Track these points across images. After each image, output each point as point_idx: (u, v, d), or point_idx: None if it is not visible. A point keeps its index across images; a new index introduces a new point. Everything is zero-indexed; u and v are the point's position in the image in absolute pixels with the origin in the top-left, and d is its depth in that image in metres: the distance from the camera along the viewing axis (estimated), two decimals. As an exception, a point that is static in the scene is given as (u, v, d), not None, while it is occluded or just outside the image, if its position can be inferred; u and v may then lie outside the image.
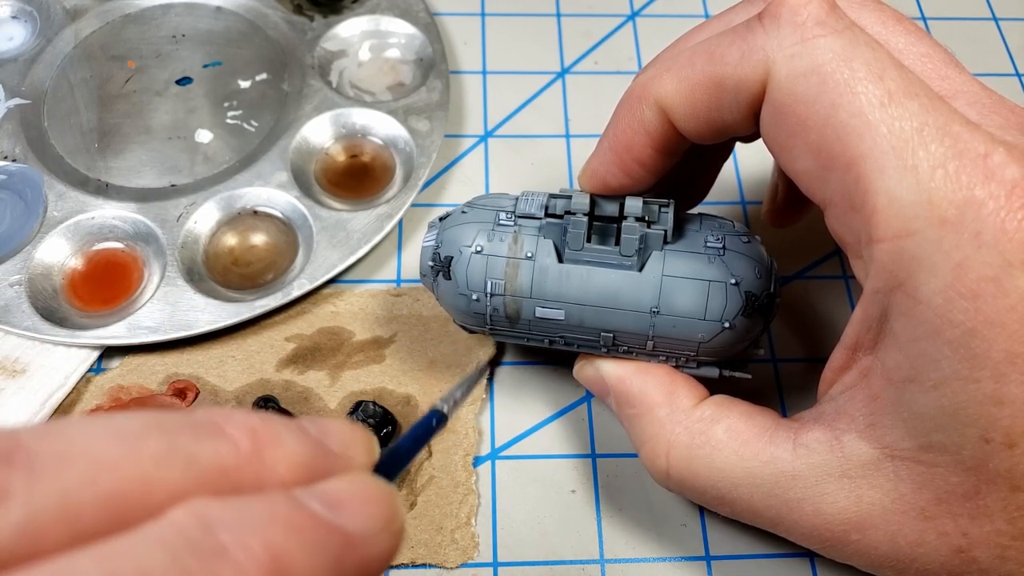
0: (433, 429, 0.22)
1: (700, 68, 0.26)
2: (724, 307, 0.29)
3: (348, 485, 0.18)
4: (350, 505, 0.17)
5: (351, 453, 0.19)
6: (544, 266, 0.30)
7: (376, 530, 0.17)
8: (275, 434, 0.17)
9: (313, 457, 0.18)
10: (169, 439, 0.16)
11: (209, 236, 0.40)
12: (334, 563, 0.16)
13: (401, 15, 0.46)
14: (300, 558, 0.15)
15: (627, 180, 0.29)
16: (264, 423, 0.17)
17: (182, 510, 0.15)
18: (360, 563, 0.17)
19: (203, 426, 0.17)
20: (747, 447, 0.28)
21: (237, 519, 0.15)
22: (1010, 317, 0.21)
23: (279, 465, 0.17)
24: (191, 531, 0.15)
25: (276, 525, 0.16)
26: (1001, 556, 0.24)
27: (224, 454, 0.16)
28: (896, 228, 0.22)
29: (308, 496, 0.17)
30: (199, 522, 0.15)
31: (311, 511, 0.16)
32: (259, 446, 0.17)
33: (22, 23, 0.46)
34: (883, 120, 0.22)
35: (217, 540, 0.15)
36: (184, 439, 0.16)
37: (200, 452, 0.16)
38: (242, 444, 0.17)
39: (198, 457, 0.16)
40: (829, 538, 0.26)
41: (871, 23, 0.27)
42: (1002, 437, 0.22)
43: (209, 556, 0.15)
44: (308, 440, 0.18)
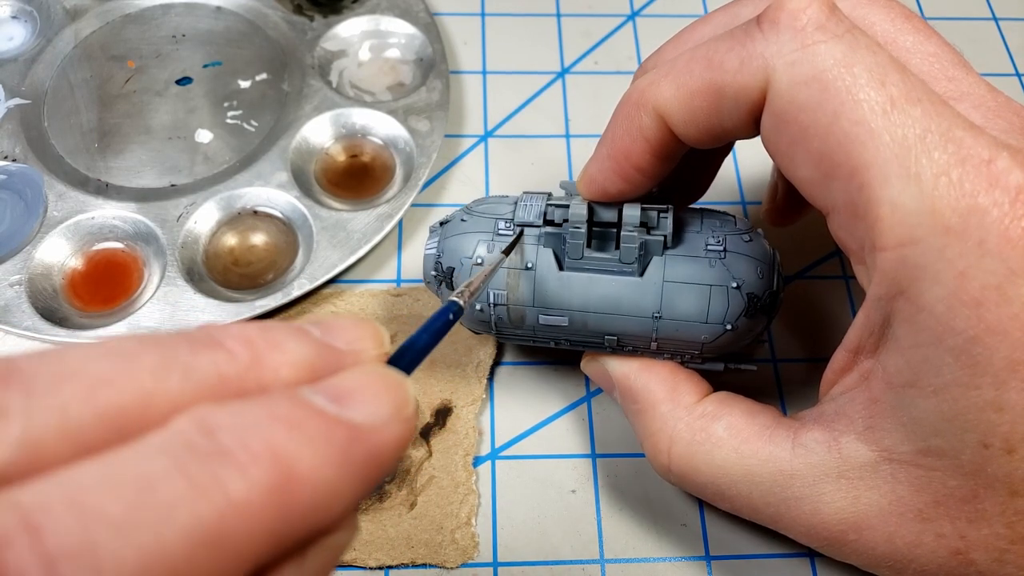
0: (450, 322, 0.22)
1: (699, 75, 0.26)
2: (726, 310, 0.29)
3: (355, 377, 0.17)
4: (355, 396, 0.17)
5: (359, 347, 0.19)
6: (545, 275, 0.30)
7: (384, 419, 0.17)
8: (274, 340, 0.17)
9: (317, 356, 0.18)
10: (165, 353, 0.16)
11: (209, 236, 0.40)
12: (341, 456, 0.16)
13: (401, 15, 0.46)
14: (304, 453, 0.15)
15: (626, 186, 0.29)
16: (262, 331, 0.17)
17: (183, 417, 0.15)
18: (369, 454, 0.16)
19: (199, 340, 0.17)
20: (747, 445, 0.28)
21: (238, 421, 0.15)
22: (1012, 325, 0.21)
23: (281, 368, 0.17)
24: (192, 436, 0.15)
25: (277, 423, 0.16)
26: (999, 559, 0.24)
27: (222, 364, 0.16)
28: (899, 236, 0.22)
29: (311, 392, 0.17)
30: (200, 427, 0.15)
31: (313, 405, 0.16)
32: (258, 353, 0.17)
33: (22, 23, 0.46)
34: (886, 128, 0.22)
35: (218, 442, 0.15)
36: (180, 352, 0.16)
37: (197, 364, 0.16)
38: (240, 354, 0.17)
39: (196, 368, 0.16)
40: (827, 537, 0.27)
41: (879, 21, 0.27)
42: (1001, 443, 0.22)
43: (211, 459, 0.15)
44: (311, 341, 0.18)
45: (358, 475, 0.16)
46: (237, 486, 0.14)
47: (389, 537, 0.33)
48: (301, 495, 0.15)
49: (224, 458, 0.15)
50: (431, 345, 0.21)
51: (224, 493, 0.14)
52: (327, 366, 0.18)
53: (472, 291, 0.24)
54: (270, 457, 0.15)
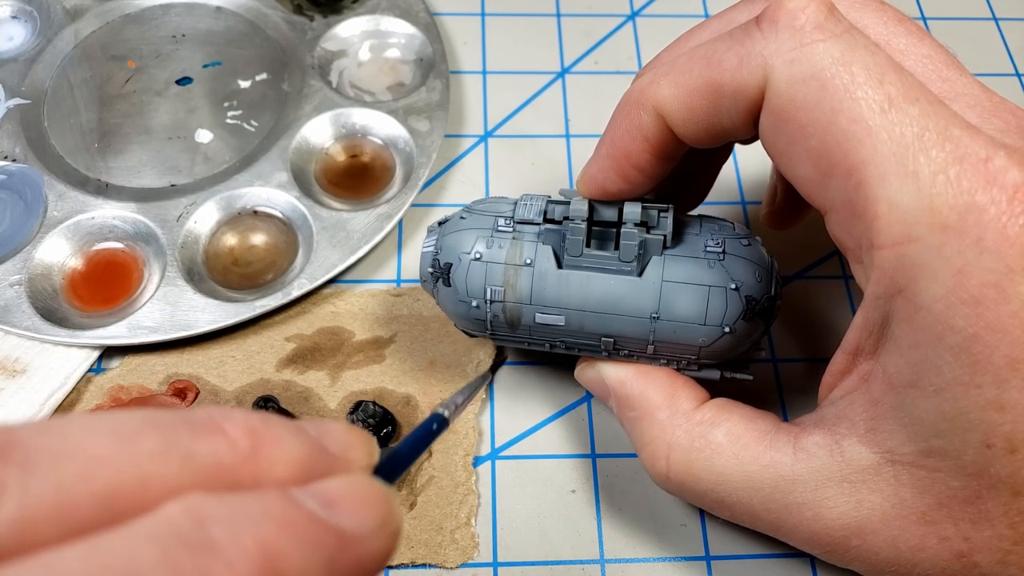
0: (434, 433, 0.22)
1: (698, 74, 0.26)
2: (724, 312, 0.29)
3: (345, 485, 0.17)
4: (346, 504, 0.17)
5: (350, 455, 0.19)
6: (543, 272, 0.30)
7: (372, 530, 0.17)
8: (274, 434, 0.17)
9: (311, 458, 0.18)
10: (166, 436, 0.16)
11: (209, 236, 0.40)
12: (328, 562, 0.16)
13: (401, 15, 0.46)
14: (293, 555, 0.15)
15: (626, 186, 0.29)
16: (264, 423, 0.17)
17: (175, 505, 0.15)
18: (355, 563, 0.16)
19: (201, 424, 0.17)
20: (747, 451, 0.28)
21: (230, 515, 0.15)
22: (1012, 323, 0.21)
23: (277, 465, 0.17)
24: (183, 526, 0.15)
25: (269, 521, 0.15)
26: (1003, 561, 0.24)
27: (222, 452, 0.16)
28: (897, 235, 0.22)
29: (304, 494, 0.17)
30: (191, 517, 0.15)
31: (306, 509, 0.16)
32: (257, 445, 0.17)
33: (22, 23, 0.46)
34: (883, 126, 0.22)
35: (209, 535, 0.15)
36: (182, 436, 0.16)
37: (197, 449, 0.16)
38: (240, 443, 0.17)
39: (195, 454, 0.16)
40: (829, 543, 0.26)
41: (872, 23, 0.27)
42: (1003, 443, 0.22)
43: (200, 551, 0.14)
44: (307, 440, 0.18)
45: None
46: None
47: (389, 537, 0.33)
48: None
49: (213, 551, 0.14)
50: (413, 456, 0.22)
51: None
52: (319, 469, 0.18)
53: (458, 405, 0.24)
54: (259, 554, 0.15)
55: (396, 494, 0.18)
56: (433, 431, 0.22)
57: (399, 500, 0.18)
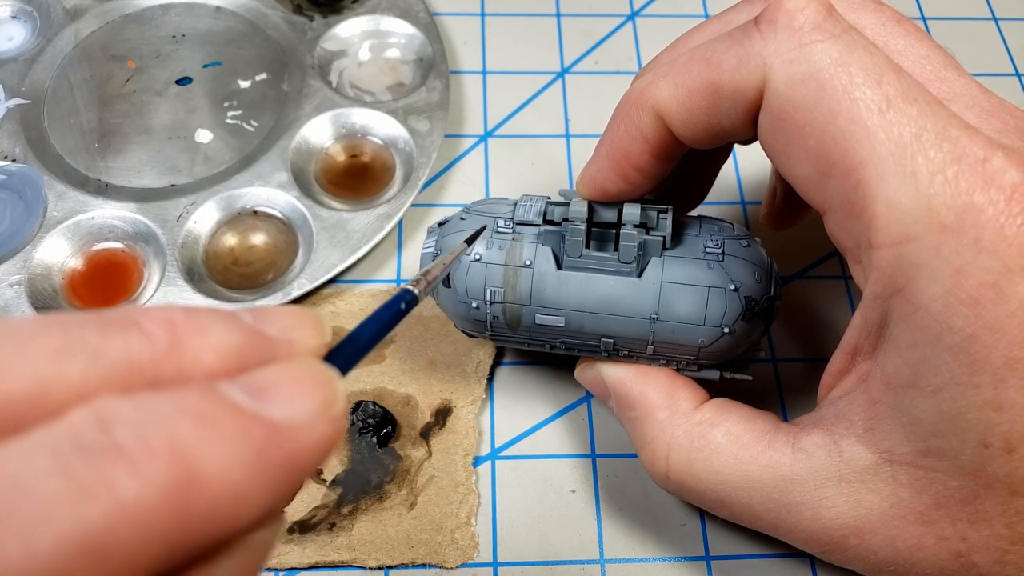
0: (402, 311, 0.20)
1: (697, 74, 0.26)
2: (724, 312, 0.29)
3: (278, 370, 0.16)
4: (278, 391, 0.15)
5: (293, 336, 0.17)
6: (543, 273, 0.30)
7: (308, 418, 0.15)
8: (199, 324, 0.16)
9: (245, 344, 0.16)
10: (68, 334, 0.15)
11: (209, 236, 0.40)
12: (255, 456, 0.14)
13: (401, 15, 0.46)
14: (211, 451, 0.14)
15: (625, 186, 0.29)
16: (187, 314, 0.16)
17: (78, 410, 0.14)
18: (288, 455, 0.15)
19: (113, 321, 0.15)
20: (746, 451, 0.28)
21: (140, 415, 0.14)
22: (1010, 323, 0.21)
23: (203, 354, 0.16)
24: (84, 431, 0.13)
25: (183, 417, 0.14)
26: (1000, 560, 0.24)
27: (136, 348, 0.15)
28: (895, 234, 0.22)
29: (229, 385, 0.15)
30: (95, 420, 0.14)
31: (228, 400, 0.15)
32: (179, 337, 0.15)
33: (22, 23, 0.46)
34: (882, 126, 0.22)
35: (113, 438, 0.13)
36: (88, 334, 0.15)
37: (107, 347, 0.15)
38: (158, 336, 0.15)
39: (104, 352, 0.15)
40: (828, 543, 0.27)
41: (870, 24, 0.27)
42: (1001, 442, 0.22)
43: (101, 456, 0.13)
44: (239, 327, 0.16)
45: (274, 477, 0.15)
46: (128, 487, 0.13)
47: (389, 537, 0.33)
48: (205, 498, 0.14)
49: (117, 456, 0.13)
50: (378, 337, 0.19)
51: (112, 495, 0.13)
52: (256, 355, 0.16)
53: (429, 280, 0.22)
54: (170, 455, 0.13)
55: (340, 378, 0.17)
56: (401, 310, 0.20)
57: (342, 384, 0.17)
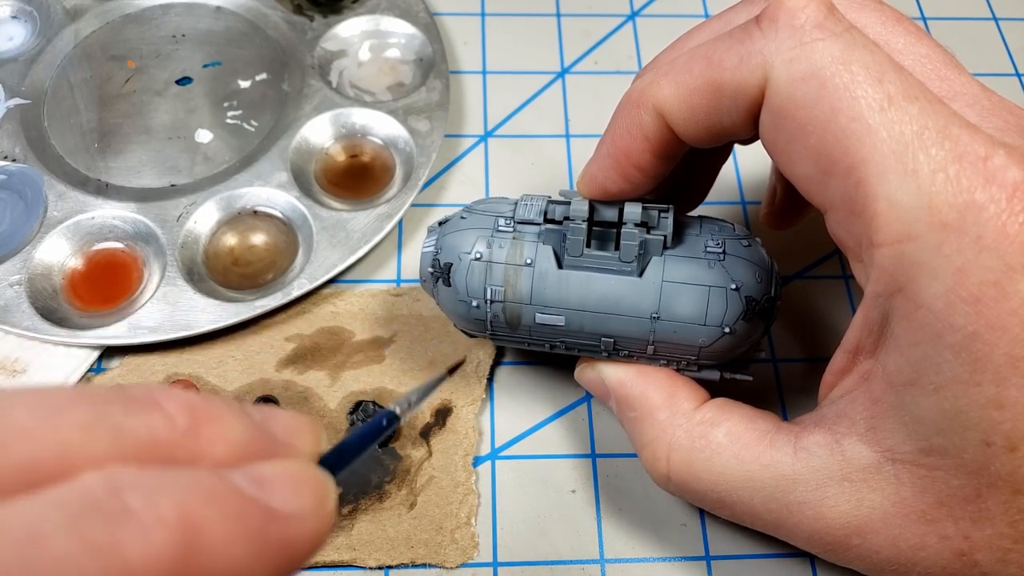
0: (383, 429, 0.22)
1: (698, 73, 0.26)
2: (724, 312, 0.29)
3: (280, 466, 0.17)
4: (278, 484, 0.16)
5: (294, 441, 0.18)
6: (544, 272, 0.30)
7: (304, 511, 0.17)
8: (215, 413, 0.17)
9: (253, 440, 0.17)
10: (96, 410, 0.15)
11: (209, 236, 0.40)
12: (254, 536, 0.15)
13: (401, 15, 0.46)
14: (216, 525, 0.15)
15: (626, 185, 0.29)
16: (205, 402, 0.17)
17: (93, 473, 0.14)
18: (284, 541, 0.16)
19: (138, 400, 0.16)
20: (747, 450, 0.27)
21: (151, 484, 0.14)
22: (1012, 321, 0.21)
23: (216, 445, 0.16)
24: (97, 492, 0.14)
25: (192, 492, 0.15)
26: (1003, 559, 0.24)
27: (157, 429, 0.16)
28: (897, 232, 0.22)
29: (236, 474, 0.16)
30: (107, 484, 0.14)
31: (234, 484, 0.16)
32: (196, 423, 0.16)
33: (22, 23, 0.46)
34: (883, 124, 0.22)
35: (124, 502, 0.14)
36: (114, 411, 0.15)
37: (130, 425, 0.15)
38: (178, 420, 0.16)
39: (127, 430, 0.15)
40: (830, 542, 0.26)
41: (871, 23, 0.27)
42: (1003, 441, 0.22)
43: (112, 518, 0.14)
44: (250, 423, 0.17)
45: (272, 559, 0.16)
46: (135, 549, 0.13)
47: (389, 537, 0.33)
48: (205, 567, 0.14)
49: (127, 518, 0.14)
50: (361, 449, 0.21)
51: (120, 555, 0.13)
52: (260, 452, 0.17)
53: (412, 403, 0.24)
54: (177, 523, 0.14)
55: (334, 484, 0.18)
56: (383, 427, 0.22)
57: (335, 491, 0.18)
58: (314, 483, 0.17)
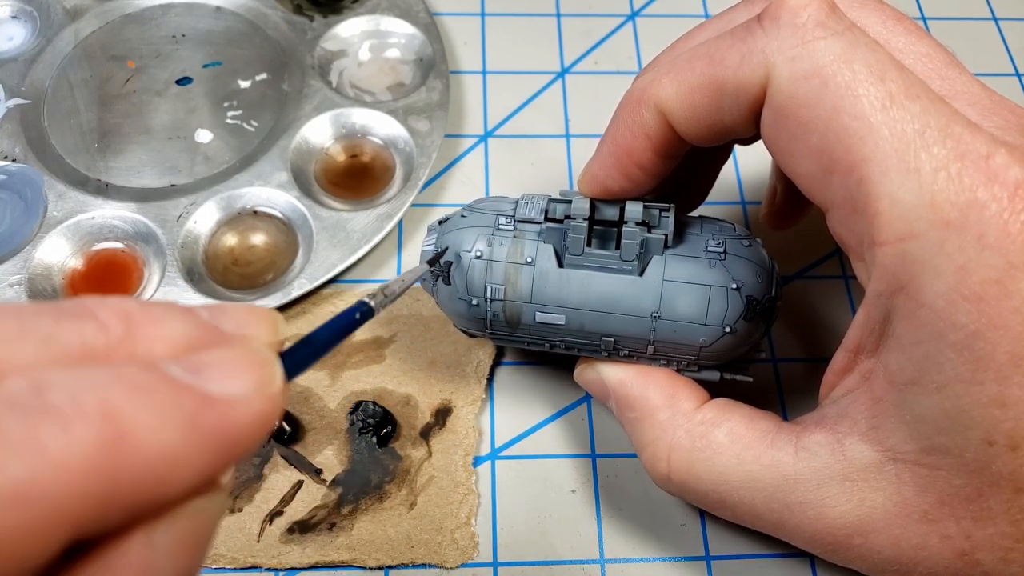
0: (357, 321, 0.21)
1: (700, 71, 0.26)
2: (725, 312, 0.29)
3: (220, 352, 0.16)
4: (216, 369, 0.16)
5: (248, 332, 0.18)
6: (544, 271, 0.30)
7: (243, 392, 0.16)
8: (155, 316, 0.16)
9: (199, 337, 0.16)
10: (23, 320, 0.15)
11: (209, 236, 0.40)
12: (186, 421, 0.15)
13: (401, 15, 0.46)
14: (142, 414, 0.14)
15: (627, 184, 0.29)
16: (144, 306, 0.16)
17: (18, 377, 0.14)
18: (221, 424, 0.15)
19: (68, 309, 0.16)
20: (748, 450, 0.27)
21: (75, 381, 0.14)
22: (1014, 320, 0.21)
23: (156, 343, 0.16)
24: (19, 394, 0.14)
25: (117, 384, 0.14)
26: (1004, 559, 0.24)
27: (89, 335, 0.15)
28: (899, 231, 0.22)
29: (171, 363, 0.15)
30: (32, 385, 0.14)
31: (165, 373, 0.15)
32: (133, 327, 0.16)
33: (22, 23, 0.46)
34: (885, 122, 0.22)
35: (46, 400, 0.14)
36: (42, 321, 0.15)
37: (59, 333, 0.15)
38: (112, 326, 0.16)
39: (56, 338, 0.15)
40: (831, 542, 0.26)
41: (871, 23, 0.27)
42: (1005, 440, 0.22)
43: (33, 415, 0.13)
44: (194, 320, 0.17)
45: (208, 444, 0.15)
46: (56, 442, 0.13)
47: (389, 537, 0.33)
48: (134, 458, 0.14)
49: (48, 414, 0.14)
50: (330, 344, 0.20)
51: (39, 450, 0.13)
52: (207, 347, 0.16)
53: (387, 294, 0.22)
54: (100, 414, 0.14)
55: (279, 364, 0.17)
56: (356, 320, 0.21)
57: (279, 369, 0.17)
58: (255, 362, 0.16)
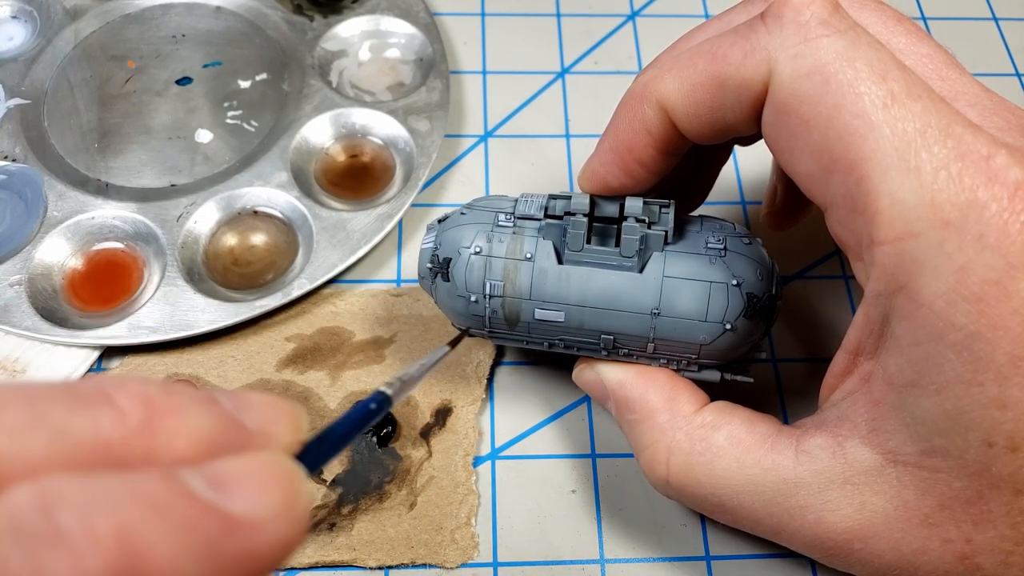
0: (373, 413, 0.20)
1: (702, 68, 0.26)
2: (725, 308, 0.29)
3: (243, 462, 0.15)
4: (241, 484, 0.15)
5: (270, 430, 0.16)
6: (543, 267, 0.30)
7: (269, 514, 0.15)
8: (176, 404, 0.15)
9: (220, 432, 0.15)
10: (35, 409, 0.14)
11: (209, 236, 0.40)
12: (206, 549, 0.14)
13: (401, 15, 0.46)
14: (160, 543, 0.13)
15: (628, 180, 0.29)
16: (164, 392, 0.15)
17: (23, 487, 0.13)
18: (244, 551, 0.14)
19: (85, 395, 0.14)
20: (748, 454, 0.27)
21: (88, 497, 0.13)
22: (1013, 320, 0.21)
23: (176, 440, 0.15)
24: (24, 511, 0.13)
25: (135, 504, 0.13)
26: (1005, 562, 0.24)
27: (105, 427, 0.14)
28: (898, 230, 0.22)
29: (191, 473, 0.14)
30: (38, 500, 0.13)
31: (186, 488, 0.14)
32: (152, 417, 0.15)
33: (22, 23, 0.46)
34: (886, 121, 0.22)
35: (54, 521, 0.12)
36: (56, 409, 0.14)
37: (73, 425, 0.14)
38: (131, 415, 0.14)
39: (69, 430, 0.14)
40: (831, 547, 0.26)
41: (872, 23, 0.27)
42: (1005, 441, 0.22)
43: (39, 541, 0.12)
44: (217, 413, 0.16)
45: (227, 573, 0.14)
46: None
47: (389, 537, 0.33)
48: None
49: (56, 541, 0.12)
50: (347, 438, 0.19)
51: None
52: (229, 446, 0.15)
53: (406, 381, 0.21)
54: (114, 542, 0.13)
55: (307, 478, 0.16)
56: (372, 411, 0.20)
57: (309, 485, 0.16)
58: (282, 478, 0.15)
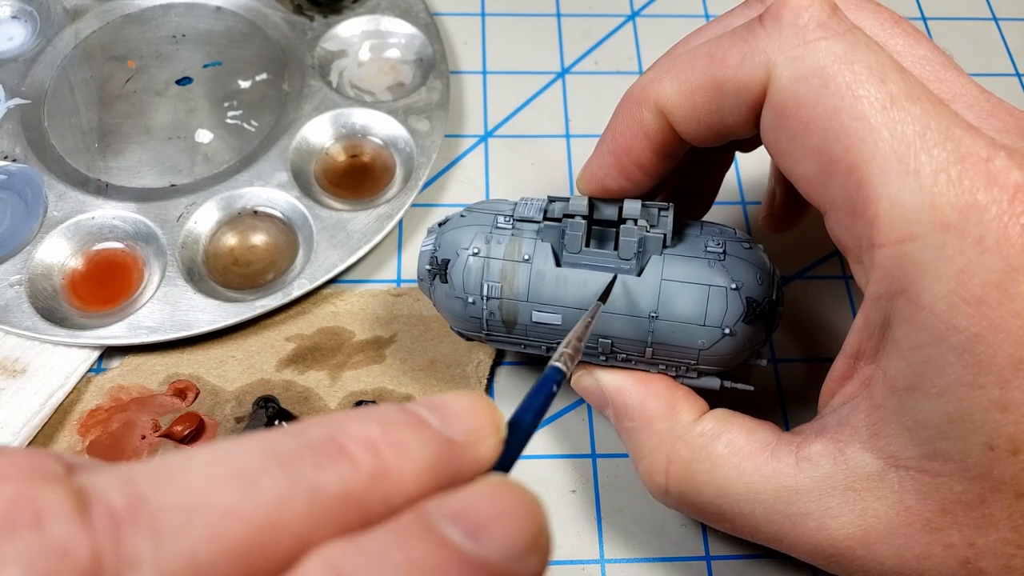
0: (554, 393, 0.20)
1: (700, 70, 0.26)
2: (724, 313, 0.29)
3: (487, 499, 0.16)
4: (492, 527, 0.15)
5: (477, 438, 0.17)
6: (541, 269, 0.30)
7: (522, 553, 0.15)
8: (396, 440, 0.16)
9: (438, 460, 0.16)
10: (289, 472, 0.15)
11: (209, 236, 0.40)
12: None
13: (401, 15, 0.46)
14: None
15: (626, 183, 0.29)
16: (383, 429, 0.16)
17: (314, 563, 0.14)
18: None
19: (321, 448, 0.16)
20: (749, 462, 0.27)
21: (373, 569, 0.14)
22: (1015, 323, 0.21)
23: (405, 479, 0.16)
24: None
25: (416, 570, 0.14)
26: (1007, 566, 0.23)
27: (347, 480, 0.15)
28: (898, 233, 0.22)
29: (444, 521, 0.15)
30: None
31: (451, 543, 0.15)
32: (382, 461, 0.16)
33: (22, 23, 0.46)
34: (885, 124, 0.22)
35: None
36: (304, 468, 0.15)
37: (322, 482, 0.15)
38: (363, 463, 0.16)
39: (320, 489, 0.15)
40: (833, 554, 0.26)
41: (869, 25, 0.27)
42: (1007, 444, 0.22)
43: None
44: (431, 438, 0.17)
45: None
46: None
47: (389, 537, 0.33)
48: None
49: None
50: (535, 426, 0.20)
51: None
52: (450, 468, 0.16)
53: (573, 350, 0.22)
54: None
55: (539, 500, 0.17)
56: (553, 392, 0.20)
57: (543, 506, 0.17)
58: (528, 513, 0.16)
